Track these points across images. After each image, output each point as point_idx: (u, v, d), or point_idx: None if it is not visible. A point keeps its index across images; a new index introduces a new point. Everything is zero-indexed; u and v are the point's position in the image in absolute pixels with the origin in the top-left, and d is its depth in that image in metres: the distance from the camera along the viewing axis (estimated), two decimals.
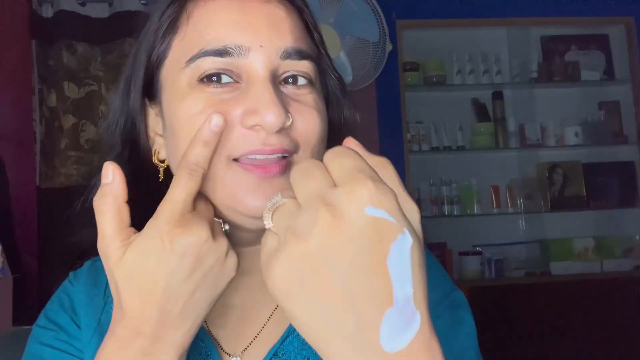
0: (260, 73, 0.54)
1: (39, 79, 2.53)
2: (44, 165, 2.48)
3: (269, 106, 0.52)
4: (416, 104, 3.04)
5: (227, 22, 0.55)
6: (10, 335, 1.54)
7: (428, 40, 3.12)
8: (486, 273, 2.95)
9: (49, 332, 0.63)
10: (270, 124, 0.51)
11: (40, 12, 2.54)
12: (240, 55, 0.54)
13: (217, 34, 0.55)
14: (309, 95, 0.57)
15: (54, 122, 2.48)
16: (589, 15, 3.12)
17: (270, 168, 0.53)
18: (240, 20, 0.55)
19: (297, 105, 0.55)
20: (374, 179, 0.38)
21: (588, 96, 3.20)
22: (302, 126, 0.55)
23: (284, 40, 0.56)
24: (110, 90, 2.53)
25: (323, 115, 0.58)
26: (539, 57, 3.21)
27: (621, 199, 3.13)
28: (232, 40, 0.55)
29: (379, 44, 2.74)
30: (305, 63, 0.57)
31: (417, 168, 2.97)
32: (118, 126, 0.63)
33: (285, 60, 0.56)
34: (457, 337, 0.62)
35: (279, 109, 0.52)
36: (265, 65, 0.54)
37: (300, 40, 0.57)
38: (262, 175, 0.53)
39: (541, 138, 3.11)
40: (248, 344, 0.62)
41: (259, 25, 0.55)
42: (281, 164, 0.54)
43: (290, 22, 0.57)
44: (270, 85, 0.54)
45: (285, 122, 0.52)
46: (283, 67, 0.56)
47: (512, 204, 3.11)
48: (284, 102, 0.53)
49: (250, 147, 0.53)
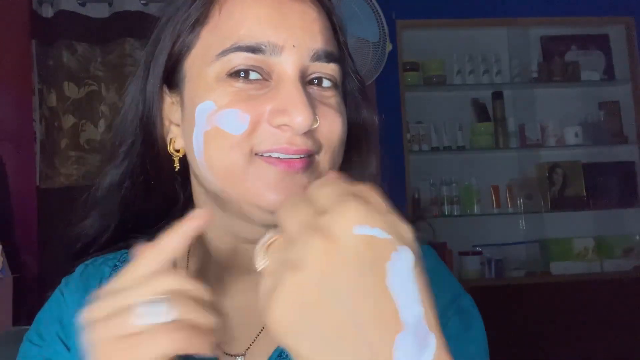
0: (291, 73, 0.54)
1: (39, 79, 2.53)
2: (44, 165, 2.48)
3: (299, 107, 0.52)
4: (416, 104, 3.04)
5: (261, 18, 0.55)
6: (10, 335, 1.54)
7: (428, 40, 3.12)
8: (486, 273, 2.95)
9: (36, 349, 0.62)
10: (299, 125, 0.52)
11: (40, 12, 2.54)
12: (273, 53, 0.54)
13: (250, 29, 0.54)
14: (333, 98, 0.57)
15: (54, 122, 2.48)
16: (589, 15, 3.12)
17: (293, 163, 0.53)
18: (275, 18, 0.55)
19: (322, 108, 0.56)
20: (359, 200, 0.37)
21: (588, 96, 3.20)
22: (326, 128, 0.55)
23: (315, 41, 0.56)
24: (110, 90, 2.53)
25: (344, 118, 0.58)
26: (539, 57, 3.21)
27: (621, 199, 3.12)
28: (266, 38, 0.54)
29: (379, 44, 2.74)
30: (332, 66, 0.57)
31: (417, 168, 2.96)
32: (134, 112, 0.62)
33: (315, 62, 0.56)
34: (466, 343, 0.61)
35: (309, 111, 0.52)
36: (296, 66, 0.54)
37: (329, 42, 0.58)
38: (285, 169, 0.53)
39: (541, 138, 3.11)
40: (251, 343, 0.61)
41: (292, 24, 0.55)
42: (304, 161, 0.54)
43: (320, 24, 0.57)
44: (301, 86, 0.54)
45: (313, 124, 0.53)
46: (312, 69, 0.56)
47: (512, 204, 3.11)
48: (312, 104, 0.53)
49: (275, 145, 0.53)
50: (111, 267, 0.66)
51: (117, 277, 0.44)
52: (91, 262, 0.67)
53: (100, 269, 0.66)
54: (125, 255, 0.67)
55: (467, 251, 2.97)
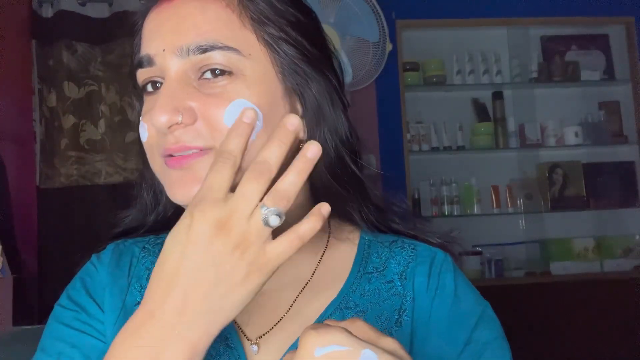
0: (169, 75, 0.57)
1: (39, 79, 2.53)
2: (44, 165, 2.48)
3: (155, 109, 0.55)
4: (416, 104, 3.04)
5: (145, 33, 0.60)
6: (10, 335, 1.54)
7: (428, 40, 3.12)
8: (486, 273, 2.96)
9: (69, 312, 0.63)
10: (155, 124, 0.55)
11: (40, 12, 2.55)
12: (153, 63, 0.58)
13: (142, 45, 0.60)
14: (226, 87, 0.56)
15: (54, 122, 2.48)
16: (589, 15, 3.12)
17: (183, 159, 0.56)
18: (152, 29, 0.59)
19: (204, 99, 0.56)
20: (316, 328, 0.40)
21: (588, 96, 3.20)
22: (205, 120, 0.56)
23: (183, 38, 0.56)
24: (110, 90, 2.53)
25: (244, 102, 0.56)
26: (539, 57, 3.21)
27: (621, 199, 3.13)
28: (145, 51, 0.59)
29: (379, 44, 2.74)
30: (211, 54, 0.56)
31: (417, 168, 2.96)
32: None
33: (190, 57, 0.56)
34: None
35: (162, 108, 0.54)
36: (171, 68, 0.57)
37: (209, 32, 0.56)
38: (179, 167, 0.56)
39: (541, 138, 3.11)
40: (266, 331, 0.61)
41: (165, 30, 0.58)
42: (194, 155, 0.56)
43: (197, 17, 0.57)
44: (167, 86, 0.56)
45: (170, 120, 0.54)
46: (193, 63, 0.56)
47: (512, 204, 3.11)
48: (183, 101, 0.55)
49: (163, 147, 0.57)
50: (140, 247, 0.69)
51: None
52: (121, 242, 0.70)
53: (131, 248, 0.69)
54: (152, 239, 0.69)
55: (467, 251, 2.97)
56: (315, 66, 0.60)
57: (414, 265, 0.65)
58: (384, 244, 0.67)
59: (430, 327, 0.61)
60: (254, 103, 0.56)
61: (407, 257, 0.66)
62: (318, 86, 0.60)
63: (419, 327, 0.61)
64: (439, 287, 0.63)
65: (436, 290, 0.63)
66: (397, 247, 0.67)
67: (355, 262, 0.66)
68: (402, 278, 0.64)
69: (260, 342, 0.60)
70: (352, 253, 0.67)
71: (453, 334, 0.61)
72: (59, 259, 2.33)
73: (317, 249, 0.65)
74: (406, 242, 0.68)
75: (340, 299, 0.62)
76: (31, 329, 1.53)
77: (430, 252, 0.67)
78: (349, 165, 0.62)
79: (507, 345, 0.63)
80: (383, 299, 0.63)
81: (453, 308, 0.62)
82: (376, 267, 0.65)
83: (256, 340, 0.61)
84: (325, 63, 0.62)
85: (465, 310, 0.62)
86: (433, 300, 0.63)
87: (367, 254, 0.66)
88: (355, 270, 0.65)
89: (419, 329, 0.61)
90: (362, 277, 0.64)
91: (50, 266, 2.36)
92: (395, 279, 0.64)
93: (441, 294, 0.63)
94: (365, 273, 0.65)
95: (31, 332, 0.65)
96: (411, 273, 0.64)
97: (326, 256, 0.66)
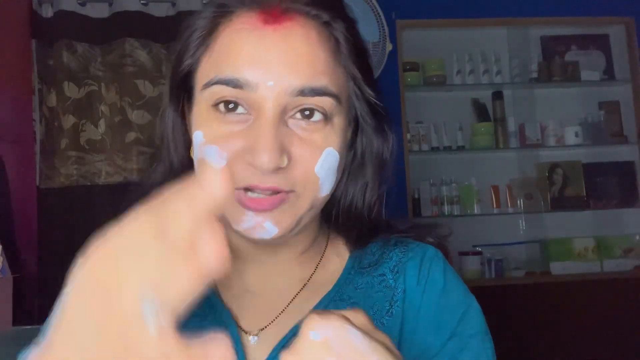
0: (267, 109, 0.55)
1: (39, 79, 2.53)
2: (44, 165, 2.48)
3: (264, 148, 0.53)
4: (416, 104, 3.04)
5: (243, 54, 0.56)
6: (10, 335, 1.54)
7: (428, 40, 3.12)
8: (486, 273, 2.95)
9: None
10: (262, 166, 0.53)
11: (40, 12, 2.55)
12: (249, 89, 0.55)
13: (232, 64, 0.56)
14: (319, 133, 0.57)
15: (54, 122, 2.48)
16: (589, 15, 3.12)
17: (262, 202, 0.55)
18: (255, 55, 0.55)
19: (300, 145, 0.56)
20: (319, 313, 0.40)
21: (588, 96, 3.20)
22: (300, 169, 0.56)
23: (298, 78, 0.55)
24: (110, 90, 2.53)
25: (332, 152, 0.57)
26: (538, 57, 3.21)
27: (621, 199, 3.13)
28: (243, 75, 0.55)
29: (379, 44, 2.74)
30: (319, 99, 0.56)
31: (417, 168, 2.96)
32: (164, 123, 0.66)
33: (298, 97, 0.55)
34: None
35: (273, 152, 0.53)
36: (273, 103, 0.55)
37: (320, 74, 0.56)
38: (254, 208, 0.56)
39: (541, 138, 3.11)
40: (266, 325, 0.63)
41: (272, 61, 0.55)
42: (274, 199, 0.55)
43: (310, 57, 0.56)
44: (273, 124, 0.54)
45: (278, 165, 0.54)
46: (295, 102, 0.56)
47: (512, 204, 3.11)
48: (283, 143, 0.54)
49: (247, 182, 0.55)
50: None
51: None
52: None
53: None
54: None
55: (467, 251, 2.97)
56: (377, 124, 0.65)
57: (405, 260, 0.67)
58: (377, 242, 0.70)
59: (419, 319, 0.63)
60: (337, 151, 0.58)
61: (399, 253, 0.67)
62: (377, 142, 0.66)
63: (408, 319, 0.63)
64: (429, 282, 0.65)
65: (426, 284, 0.65)
66: (390, 244, 0.69)
67: (350, 258, 0.68)
68: (394, 272, 0.66)
69: (259, 334, 0.62)
70: (346, 255, 0.69)
71: (439, 326, 0.63)
72: (59, 259, 2.33)
73: (316, 255, 0.68)
74: (399, 240, 0.70)
75: (335, 292, 0.65)
76: (31, 329, 1.53)
77: (421, 248, 0.68)
78: (376, 209, 0.67)
79: (489, 339, 0.64)
80: (375, 291, 0.65)
81: (441, 301, 0.64)
82: (370, 262, 0.67)
83: (257, 332, 0.62)
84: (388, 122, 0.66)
85: (452, 304, 0.64)
86: (423, 293, 0.64)
87: (361, 252, 0.69)
88: (349, 267, 0.67)
89: (408, 320, 0.63)
90: (356, 272, 0.67)
91: (50, 266, 2.36)
92: (387, 272, 0.66)
93: (430, 288, 0.65)
94: (360, 268, 0.67)
95: (31, 332, 0.65)
96: (403, 267, 0.66)
97: (324, 260, 0.68)
